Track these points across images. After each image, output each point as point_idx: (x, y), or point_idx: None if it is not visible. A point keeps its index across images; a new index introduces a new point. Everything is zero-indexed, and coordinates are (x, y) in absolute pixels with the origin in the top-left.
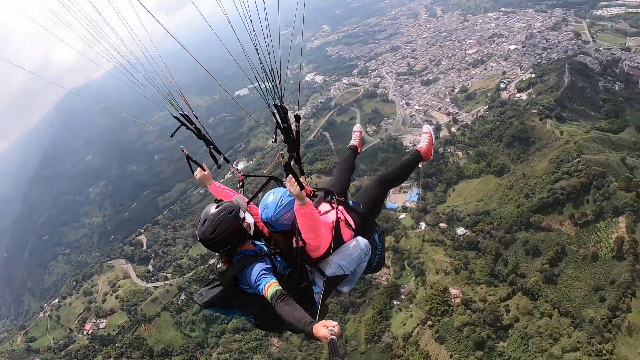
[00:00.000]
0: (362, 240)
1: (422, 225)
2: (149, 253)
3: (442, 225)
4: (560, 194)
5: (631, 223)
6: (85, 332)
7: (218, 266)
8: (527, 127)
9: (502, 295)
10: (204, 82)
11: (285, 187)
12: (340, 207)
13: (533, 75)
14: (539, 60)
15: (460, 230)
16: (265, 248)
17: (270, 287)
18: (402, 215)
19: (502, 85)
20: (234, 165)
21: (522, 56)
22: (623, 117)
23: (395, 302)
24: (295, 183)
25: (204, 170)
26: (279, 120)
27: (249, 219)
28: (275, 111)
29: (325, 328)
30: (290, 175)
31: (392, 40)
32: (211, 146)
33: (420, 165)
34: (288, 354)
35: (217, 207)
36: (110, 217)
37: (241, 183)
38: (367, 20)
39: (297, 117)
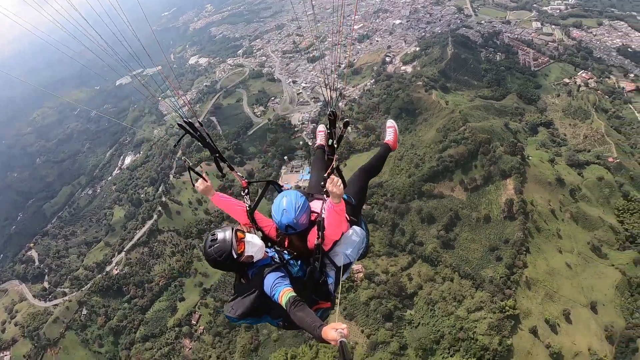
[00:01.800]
0: (358, 229)
1: None
2: (42, 269)
3: None
4: (449, 161)
5: (518, 184)
6: None
7: (241, 281)
8: (413, 99)
9: (403, 265)
10: (83, 72)
11: (282, 189)
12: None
13: (417, 49)
14: (423, 34)
15: None
16: (277, 256)
17: (283, 295)
18: None
19: (387, 59)
20: (238, 173)
21: (406, 30)
22: (504, 85)
23: None
24: (340, 184)
25: (206, 181)
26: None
27: (251, 249)
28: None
29: (334, 330)
30: (335, 176)
31: (277, 19)
32: (216, 154)
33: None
34: (202, 353)
35: (209, 247)
36: None
37: (246, 190)
38: None
39: (346, 123)
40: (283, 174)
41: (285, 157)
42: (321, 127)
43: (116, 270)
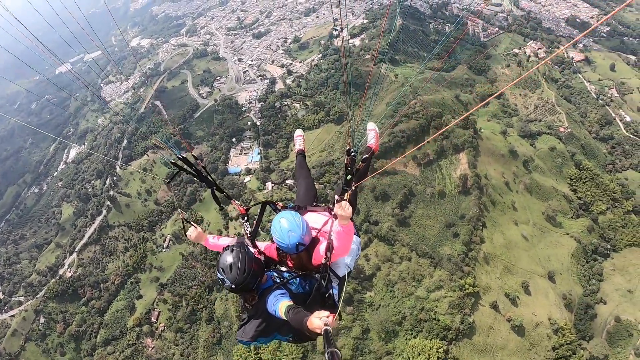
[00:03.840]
0: (355, 238)
1: (269, 185)
2: None
3: (288, 182)
4: (400, 137)
5: (472, 158)
6: None
7: (246, 306)
8: (362, 73)
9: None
10: (19, 63)
11: (279, 209)
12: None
13: (365, 21)
14: (371, 5)
15: None
16: (276, 275)
17: (282, 307)
18: (247, 179)
19: (334, 33)
20: (236, 202)
21: (354, 2)
22: (454, 56)
23: None
24: (349, 208)
25: (197, 229)
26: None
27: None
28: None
29: (318, 319)
30: (344, 201)
31: None
32: (213, 187)
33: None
34: (165, 351)
35: (231, 251)
36: None
37: (246, 217)
38: None
39: (348, 151)
40: (232, 157)
41: (234, 139)
42: (299, 132)
43: (69, 272)
